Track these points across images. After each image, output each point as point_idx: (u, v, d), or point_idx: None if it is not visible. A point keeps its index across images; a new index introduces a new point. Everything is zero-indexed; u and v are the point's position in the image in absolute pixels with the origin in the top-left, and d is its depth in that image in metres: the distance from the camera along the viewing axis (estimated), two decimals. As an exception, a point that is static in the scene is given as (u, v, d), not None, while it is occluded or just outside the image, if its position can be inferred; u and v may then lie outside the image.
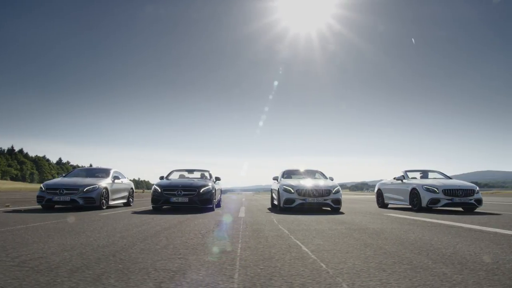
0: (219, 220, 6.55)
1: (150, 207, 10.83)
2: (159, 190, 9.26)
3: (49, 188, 9.11)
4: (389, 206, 12.05)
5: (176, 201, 9.08)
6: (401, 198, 10.54)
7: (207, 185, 9.54)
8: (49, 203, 9.04)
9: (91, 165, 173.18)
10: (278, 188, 9.94)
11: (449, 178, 10.57)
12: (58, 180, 9.90)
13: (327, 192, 9.25)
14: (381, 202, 12.03)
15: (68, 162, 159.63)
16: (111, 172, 11.03)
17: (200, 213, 8.37)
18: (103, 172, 11.09)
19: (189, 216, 7.39)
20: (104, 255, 3.03)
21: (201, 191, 9.25)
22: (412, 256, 3.01)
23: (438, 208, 9.39)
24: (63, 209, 9.17)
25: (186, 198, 9.09)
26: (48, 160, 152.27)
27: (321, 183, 9.73)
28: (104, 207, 9.66)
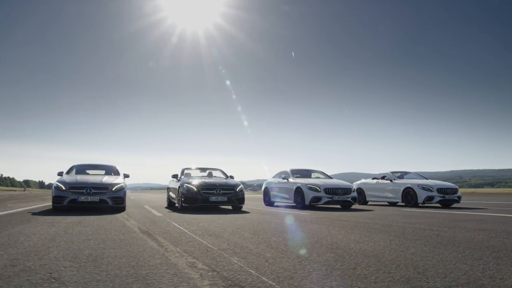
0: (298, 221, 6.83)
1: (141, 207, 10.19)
2: (195, 190, 8.87)
3: (72, 187, 7.75)
4: (369, 203, 13.69)
5: (216, 200, 8.86)
6: (391, 195, 12.18)
7: (240, 184, 9.55)
8: (73, 204, 7.75)
9: None
10: (299, 187, 10.48)
11: (426, 178, 12.65)
12: (76, 177, 8.45)
13: (349, 190, 10.24)
14: (363, 200, 13.59)
15: None
16: (118, 168, 9.92)
17: (240, 213, 8.42)
18: (109, 169, 9.87)
19: (245, 215, 7.41)
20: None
21: (237, 189, 9.22)
22: None
23: (431, 204, 11.24)
24: (72, 210, 7.86)
25: (225, 197, 8.95)
26: None
27: (340, 182, 10.71)
28: (125, 208, 8.72)
